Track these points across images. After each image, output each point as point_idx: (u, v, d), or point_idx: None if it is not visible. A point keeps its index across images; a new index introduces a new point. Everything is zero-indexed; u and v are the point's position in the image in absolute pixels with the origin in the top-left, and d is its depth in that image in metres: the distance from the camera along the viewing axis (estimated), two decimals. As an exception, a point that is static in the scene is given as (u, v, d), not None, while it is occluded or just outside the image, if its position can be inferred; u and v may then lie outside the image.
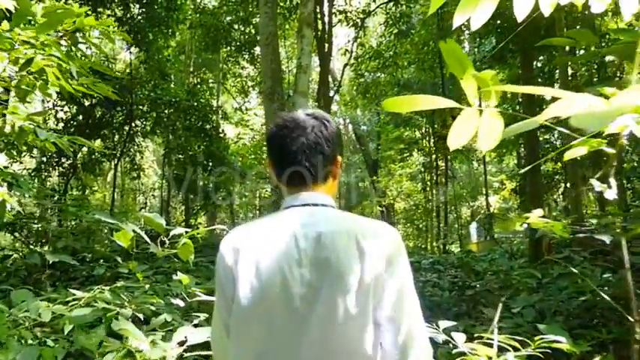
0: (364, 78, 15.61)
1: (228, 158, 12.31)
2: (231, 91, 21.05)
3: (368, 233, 1.20)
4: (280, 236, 1.19)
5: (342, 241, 1.17)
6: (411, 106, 1.25)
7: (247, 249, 1.20)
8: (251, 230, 1.27)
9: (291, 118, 1.34)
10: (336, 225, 1.21)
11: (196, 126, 11.97)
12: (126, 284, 2.02)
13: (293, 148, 1.29)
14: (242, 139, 20.84)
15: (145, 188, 22.78)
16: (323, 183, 1.33)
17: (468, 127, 1.24)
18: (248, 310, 1.15)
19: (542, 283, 3.93)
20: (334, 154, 1.35)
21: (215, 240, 12.43)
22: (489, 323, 3.71)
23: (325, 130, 1.33)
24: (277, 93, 7.61)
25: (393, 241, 1.22)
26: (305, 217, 1.23)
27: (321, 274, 1.13)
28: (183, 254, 1.82)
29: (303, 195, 1.29)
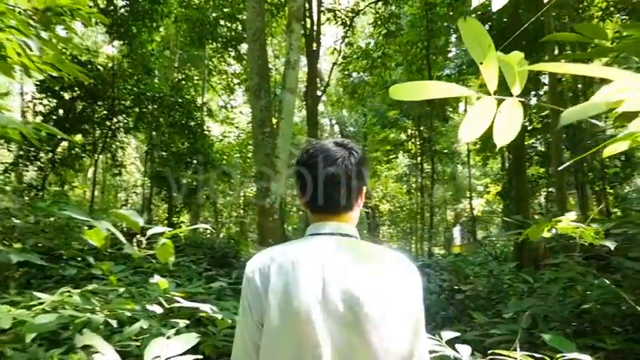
0: (352, 78, 15.50)
1: (213, 156, 12.07)
2: (217, 88, 20.79)
3: (393, 271, 1.26)
4: (307, 264, 1.24)
5: (367, 276, 1.22)
6: (420, 93, 1.12)
7: (276, 275, 1.24)
8: (278, 256, 1.29)
9: (320, 147, 1.38)
10: (361, 258, 1.27)
11: (180, 122, 11.72)
12: (98, 287, 1.85)
13: (322, 179, 1.34)
14: (227, 138, 20.60)
15: (127, 185, 22.42)
16: (348, 212, 1.38)
17: (483, 117, 1.11)
18: (277, 336, 1.20)
19: (533, 287, 3.84)
20: (360, 185, 1.39)
21: (198, 239, 12.22)
22: (480, 328, 3.60)
23: (354, 159, 1.37)
24: (264, 90, 7.45)
25: (414, 280, 1.29)
26: (330, 247, 1.29)
27: (350, 306, 1.18)
28: (162, 255, 1.66)
29: (329, 224, 1.35)
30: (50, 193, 10.70)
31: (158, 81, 12.88)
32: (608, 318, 3.02)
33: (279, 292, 1.21)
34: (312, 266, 1.23)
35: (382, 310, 1.19)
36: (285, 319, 1.19)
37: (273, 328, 1.19)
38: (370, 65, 14.08)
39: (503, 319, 3.29)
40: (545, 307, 3.17)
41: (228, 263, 9.22)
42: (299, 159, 1.42)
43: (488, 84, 1.04)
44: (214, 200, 18.84)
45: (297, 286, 1.20)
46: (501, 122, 1.09)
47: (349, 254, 1.27)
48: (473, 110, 1.13)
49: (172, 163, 11.46)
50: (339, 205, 1.35)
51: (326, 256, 1.25)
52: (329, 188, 1.34)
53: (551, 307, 3.17)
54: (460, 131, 1.16)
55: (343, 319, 1.17)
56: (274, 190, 5.21)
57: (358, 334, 1.16)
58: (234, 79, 17.82)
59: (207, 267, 7.63)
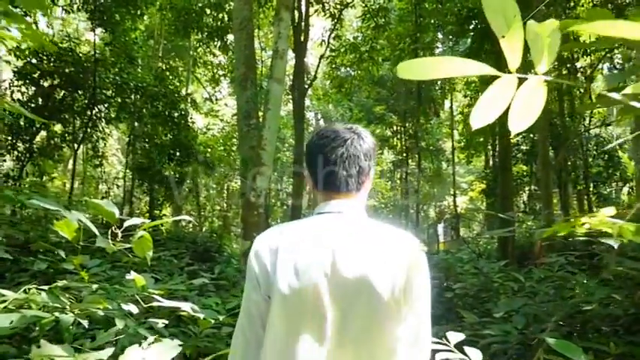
0: (339, 72, 15.34)
1: (196, 148, 11.84)
2: (202, 80, 20.49)
3: (397, 247, 1.30)
4: (315, 242, 1.28)
5: (373, 253, 1.27)
6: (430, 70, 0.99)
7: (284, 250, 1.27)
8: (286, 232, 1.33)
9: (331, 129, 1.43)
10: (367, 236, 1.32)
11: (163, 113, 11.46)
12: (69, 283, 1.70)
13: (332, 158, 1.38)
14: (211, 130, 20.34)
15: (108, 177, 22.03)
16: (356, 192, 1.41)
17: (500, 100, 0.98)
18: (284, 309, 1.23)
19: (524, 286, 3.76)
20: (369, 167, 1.44)
21: (180, 232, 12.02)
22: (471, 328, 3.51)
23: (363, 143, 1.42)
24: (250, 80, 7.28)
25: (418, 257, 1.32)
26: (338, 225, 1.33)
27: (355, 281, 1.22)
28: (139, 249, 1.51)
29: (337, 203, 1.39)
30: (27, 183, 10.40)
31: (141, 70, 12.59)
32: (601, 319, 2.95)
33: (288, 268, 1.24)
34: (319, 243, 1.27)
35: (387, 286, 1.23)
36: (293, 294, 1.22)
37: (281, 302, 1.23)
38: (358, 59, 13.94)
39: (494, 319, 3.20)
40: (537, 306, 3.09)
41: (211, 258, 9.06)
42: (309, 141, 1.47)
43: (511, 60, 0.92)
44: (197, 193, 18.60)
45: (305, 262, 1.24)
46: (520, 105, 0.97)
47: (356, 232, 1.32)
48: (488, 92, 1.01)
49: (155, 154, 11.21)
50: (347, 185, 1.39)
51: (334, 233, 1.30)
52: (338, 168, 1.38)
53: (544, 307, 3.09)
54: (472, 116, 1.04)
55: (350, 293, 1.22)
56: (259, 183, 5.06)
57: (364, 309, 1.21)
58: (219, 70, 17.54)
59: (190, 261, 7.47)
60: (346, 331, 1.21)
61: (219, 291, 4.84)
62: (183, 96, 12.92)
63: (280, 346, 1.23)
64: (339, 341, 1.21)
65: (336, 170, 1.38)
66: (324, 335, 1.20)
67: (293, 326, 1.22)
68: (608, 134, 14.53)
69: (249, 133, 7.15)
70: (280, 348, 1.23)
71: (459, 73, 0.97)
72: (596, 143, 14.22)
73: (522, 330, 2.70)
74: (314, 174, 1.43)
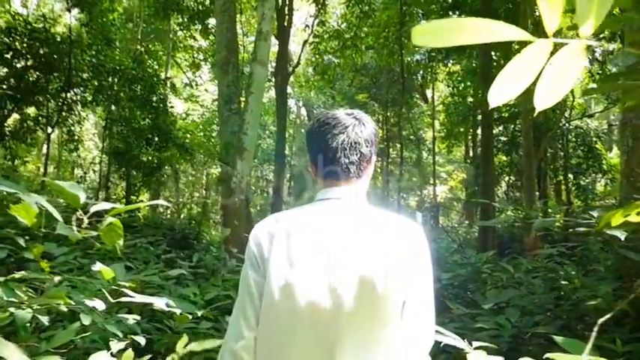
0: (323, 59, 15.10)
1: (175, 133, 11.54)
2: (182, 65, 20.07)
3: (396, 231, 1.30)
4: (313, 227, 1.29)
5: (371, 237, 1.27)
6: (451, 34, 0.84)
7: (281, 236, 1.29)
8: (285, 218, 1.34)
9: (332, 115, 1.40)
10: (366, 221, 1.32)
11: (141, 97, 11.12)
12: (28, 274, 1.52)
13: (333, 145, 1.36)
14: (191, 116, 19.96)
15: (84, 162, 21.52)
16: (357, 179, 1.40)
17: (529, 70, 0.84)
18: (280, 290, 1.23)
19: (514, 277, 3.68)
20: (371, 154, 1.42)
21: (157, 219, 11.74)
22: (459, 320, 3.42)
23: (365, 129, 1.40)
24: (232, 64, 7.06)
25: (418, 241, 1.32)
26: (338, 211, 1.33)
27: (349, 264, 1.23)
28: (108, 237, 1.35)
29: (338, 189, 1.37)
30: None
31: (119, 53, 12.19)
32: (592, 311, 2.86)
33: (284, 252, 1.26)
34: (317, 230, 1.28)
35: (385, 272, 1.23)
36: (288, 277, 1.23)
37: (277, 285, 1.24)
38: (341, 46, 13.73)
39: (482, 310, 3.10)
40: (528, 298, 3.01)
41: (189, 245, 8.85)
42: (310, 127, 1.44)
43: (549, 21, 0.77)
44: (177, 179, 18.27)
45: (302, 246, 1.26)
46: (553, 76, 0.83)
47: (356, 219, 1.31)
48: (513, 62, 0.86)
49: (132, 139, 10.89)
50: (349, 172, 1.37)
51: (331, 219, 1.30)
52: (339, 155, 1.36)
53: (534, 299, 3.01)
54: (491, 91, 0.89)
55: (346, 280, 1.22)
56: (240, 168, 4.88)
57: (361, 295, 1.21)
58: (199, 54, 17.15)
59: (167, 249, 7.28)
60: (343, 316, 1.20)
61: (198, 279, 4.68)
62: (162, 80, 12.56)
63: (276, 330, 1.24)
64: (336, 327, 1.20)
65: (337, 157, 1.36)
66: (320, 321, 1.21)
67: (288, 312, 1.23)
68: (587, 127, 14.63)
69: (230, 118, 6.94)
70: (276, 332, 1.24)
71: (487, 38, 0.82)
72: (576, 135, 14.32)
73: (515, 323, 2.59)
74: (314, 160, 1.42)
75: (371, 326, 1.22)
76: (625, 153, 5.73)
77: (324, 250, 1.24)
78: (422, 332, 1.29)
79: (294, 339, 1.21)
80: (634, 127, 5.65)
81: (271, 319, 1.25)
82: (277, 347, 1.23)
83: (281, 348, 1.22)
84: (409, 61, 16.96)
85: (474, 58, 15.55)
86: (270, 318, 1.25)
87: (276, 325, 1.24)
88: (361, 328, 1.21)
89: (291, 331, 1.22)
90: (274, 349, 1.23)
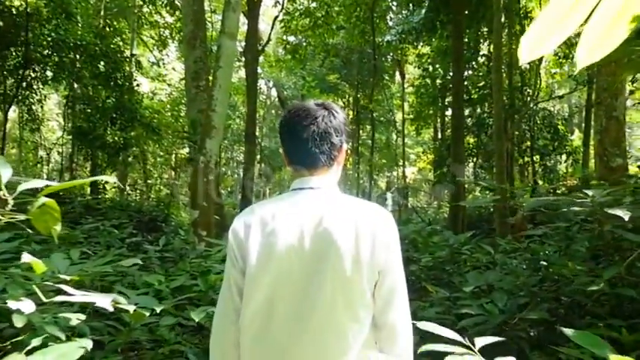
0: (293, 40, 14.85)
1: (141, 113, 11.16)
2: (148, 43, 19.45)
3: (366, 218, 1.33)
4: (287, 216, 1.33)
5: (342, 223, 1.31)
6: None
7: (256, 225, 1.35)
8: (259, 209, 1.39)
9: (303, 107, 1.44)
10: (337, 208, 1.35)
11: (105, 74, 10.69)
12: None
13: (304, 136, 1.39)
14: (158, 95, 19.43)
15: (48, 143, 20.80)
16: (329, 168, 1.45)
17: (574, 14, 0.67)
18: (257, 278, 1.30)
19: (494, 259, 3.65)
20: (341, 143, 1.46)
21: (124, 201, 11.43)
22: (440, 304, 3.38)
23: (334, 119, 1.44)
24: (199, 39, 6.83)
25: (387, 228, 1.35)
26: (311, 201, 1.37)
27: (321, 252, 1.28)
28: (41, 222, 1.17)
29: (310, 179, 1.42)
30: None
31: (81, 28, 11.66)
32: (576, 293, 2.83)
33: (260, 240, 1.32)
34: (291, 217, 1.33)
35: (354, 256, 1.27)
36: (264, 263, 1.29)
37: (254, 271, 1.30)
38: (313, 24, 13.51)
39: (463, 293, 3.06)
40: (509, 280, 2.97)
41: (157, 228, 8.63)
42: (282, 118, 1.47)
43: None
44: (145, 160, 17.83)
45: (276, 234, 1.31)
46: (605, 21, 0.66)
47: (327, 207, 1.34)
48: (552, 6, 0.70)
49: (96, 118, 10.49)
50: (320, 162, 1.41)
51: (305, 208, 1.35)
52: (310, 145, 1.39)
53: (516, 281, 2.97)
54: (523, 44, 0.74)
55: (317, 263, 1.27)
56: (209, 147, 4.71)
57: (330, 278, 1.26)
58: (166, 30, 16.61)
59: (134, 231, 7.08)
60: (315, 299, 1.26)
61: (165, 264, 4.53)
62: (128, 57, 12.10)
63: (255, 313, 1.30)
64: (310, 308, 1.26)
65: (308, 147, 1.40)
66: (294, 302, 1.28)
67: (265, 295, 1.29)
68: (554, 109, 14.88)
69: (197, 96, 6.73)
70: (254, 315, 1.30)
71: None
72: (543, 117, 14.53)
73: (502, 308, 2.53)
74: (287, 151, 1.46)
75: (345, 312, 1.27)
76: (598, 132, 5.82)
77: (300, 239, 1.30)
78: (395, 308, 1.35)
79: (271, 323, 1.28)
80: (608, 106, 5.73)
81: (251, 305, 1.31)
82: (257, 332, 1.30)
83: (260, 333, 1.29)
84: (380, 42, 16.84)
85: (444, 39, 15.54)
86: (251, 305, 1.31)
87: (256, 310, 1.30)
88: (335, 313, 1.26)
89: (269, 316, 1.29)
90: (255, 334, 1.30)
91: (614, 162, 5.59)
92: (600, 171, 5.72)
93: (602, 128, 5.68)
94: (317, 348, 1.27)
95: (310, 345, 1.27)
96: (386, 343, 1.36)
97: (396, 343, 1.36)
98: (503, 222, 8.90)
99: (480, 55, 16.11)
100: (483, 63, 16.00)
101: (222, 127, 5.00)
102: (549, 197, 2.42)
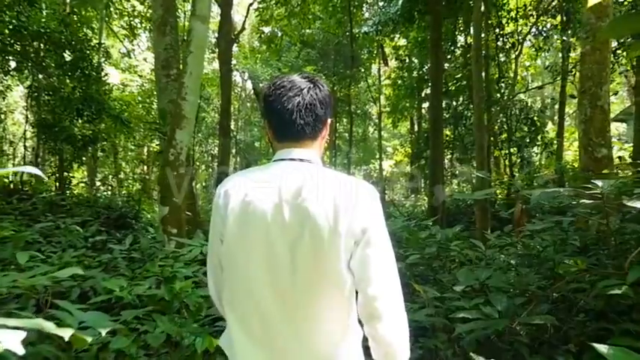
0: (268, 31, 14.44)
1: (110, 104, 10.64)
2: (119, 34, 18.80)
3: (345, 190, 1.32)
4: (267, 185, 1.34)
5: (322, 195, 1.30)
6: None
7: (236, 193, 1.35)
8: (241, 178, 1.40)
9: (288, 79, 1.43)
10: (319, 180, 1.33)
11: (71, 64, 10.15)
12: None
13: (289, 107, 1.39)
14: (129, 87, 18.82)
15: (14, 137, 20.00)
16: (312, 141, 1.44)
17: None
18: (233, 245, 1.34)
19: (485, 255, 3.43)
20: (326, 116, 1.46)
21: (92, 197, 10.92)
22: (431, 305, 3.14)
23: (320, 92, 1.43)
24: (170, 25, 6.46)
25: (367, 199, 1.34)
26: (291, 171, 1.37)
27: (300, 220, 1.28)
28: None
29: (293, 150, 1.42)
30: None
31: (45, 15, 11.06)
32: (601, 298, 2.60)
33: (238, 208, 1.32)
34: (270, 186, 1.32)
35: (332, 226, 1.26)
36: (241, 232, 1.31)
37: (231, 239, 1.33)
38: (288, 13, 13.15)
39: (454, 293, 2.82)
40: (504, 278, 2.75)
41: (127, 225, 8.22)
42: (266, 90, 1.45)
43: None
44: (115, 155, 17.25)
45: (255, 203, 1.31)
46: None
47: (308, 177, 1.33)
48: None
49: (61, 109, 9.95)
50: (304, 133, 1.41)
51: (284, 178, 1.33)
52: (295, 116, 1.39)
53: (510, 279, 2.75)
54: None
55: (293, 231, 1.27)
56: (179, 138, 4.37)
57: (307, 247, 1.26)
58: (136, 19, 16.00)
59: (102, 229, 6.69)
60: (294, 267, 1.27)
61: (132, 264, 4.20)
62: (95, 45, 11.54)
63: (234, 282, 1.34)
64: (289, 276, 1.27)
65: (293, 118, 1.38)
66: (273, 270, 1.28)
67: (244, 262, 1.31)
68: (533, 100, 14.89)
69: (168, 85, 6.36)
70: (235, 285, 1.34)
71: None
72: (520, 109, 14.53)
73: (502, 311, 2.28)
74: (271, 123, 1.45)
75: (325, 279, 1.27)
76: (582, 122, 5.66)
77: (278, 209, 1.29)
78: (378, 291, 1.29)
79: (252, 293, 1.30)
80: (592, 95, 5.58)
81: (231, 274, 1.35)
82: (239, 302, 1.33)
83: (242, 303, 1.33)
84: (357, 34, 16.58)
85: (422, 30, 15.39)
86: (230, 274, 1.35)
87: (235, 279, 1.33)
88: (314, 280, 1.27)
89: (249, 286, 1.30)
90: (237, 304, 1.34)
91: (600, 152, 5.45)
92: (585, 162, 5.58)
93: (587, 118, 5.54)
94: (301, 316, 1.28)
95: (293, 312, 1.28)
96: (370, 323, 1.32)
97: (381, 323, 1.30)
98: (484, 215, 8.78)
99: (458, 46, 16.02)
100: (460, 55, 15.91)
101: (193, 117, 4.66)
102: (558, 189, 2.17)
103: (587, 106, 5.52)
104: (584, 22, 5.62)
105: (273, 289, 1.28)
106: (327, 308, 1.29)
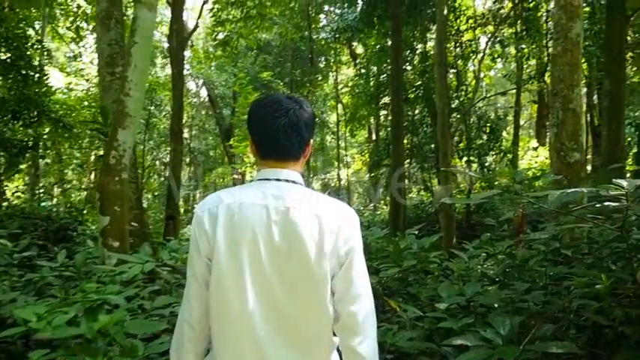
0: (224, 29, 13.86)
1: (51, 107, 9.82)
2: (64, 36, 17.79)
3: (329, 213, 1.38)
4: (254, 206, 1.35)
5: (308, 217, 1.34)
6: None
7: (224, 214, 1.35)
8: (227, 197, 1.39)
9: (274, 98, 1.46)
10: (304, 202, 1.37)
11: (6, 62, 9.30)
12: None
13: (274, 127, 1.40)
14: (75, 91, 17.80)
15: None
16: (296, 161, 1.48)
17: None
18: (225, 268, 1.31)
19: (469, 267, 3.07)
20: (309, 137, 1.49)
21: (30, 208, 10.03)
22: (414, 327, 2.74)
23: (304, 113, 1.45)
24: (115, 18, 5.90)
25: (350, 224, 1.41)
26: (276, 191, 1.39)
27: (288, 241, 1.32)
28: None
29: (279, 171, 1.44)
30: None
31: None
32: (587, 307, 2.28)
33: (227, 230, 1.33)
34: (257, 207, 1.35)
35: (318, 249, 1.31)
36: (232, 253, 1.31)
37: (222, 261, 1.31)
38: (244, 15, 12.65)
39: (439, 312, 2.44)
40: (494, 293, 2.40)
41: (68, 237, 7.50)
42: (251, 108, 1.47)
43: None
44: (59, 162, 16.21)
45: (243, 224, 1.33)
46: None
47: (294, 199, 1.37)
48: None
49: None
50: (288, 154, 1.44)
51: (273, 199, 1.36)
52: (280, 137, 1.41)
53: (500, 295, 2.40)
54: None
55: (283, 252, 1.31)
56: (122, 139, 3.82)
57: (295, 267, 1.31)
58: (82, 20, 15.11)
59: (38, 242, 6.00)
60: (283, 289, 1.30)
61: (68, 282, 3.62)
62: (34, 44, 10.68)
63: (222, 300, 1.32)
64: (281, 293, 1.31)
65: (278, 138, 1.40)
66: (263, 292, 1.30)
67: (234, 285, 1.30)
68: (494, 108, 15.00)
69: (112, 84, 5.78)
70: (222, 303, 1.32)
71: None
72: (479, 116, 14.56)
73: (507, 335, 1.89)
74: (256, 142, 1.46)
75: (312, 300, 1.32)
76: (554, 126, 5.46)
77: (267, 230, 1.31)
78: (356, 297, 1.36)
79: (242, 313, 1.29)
80: (564, 97, 5.40)
81: (219, 295, 1.32)
82: (227, 322, 1.32)
83: (231, 323, 1.32)
84: (315, 39, 16.29)
85: (381, 36, 15.23)
86: (219, 295, 1.32)
87: (224, 301, 1.31)
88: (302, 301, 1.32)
89: (240, 306, 1.29)
90: (225, 324, 1.33)
91: (572, 157, 5.27)
92: (557, 167, 5.39)
93: (559, 121, 5.36)
94: (288, 333, 1.31)
95: (281, 331, 1.31)
96: (349, 339, 1.36)
97: (359, 338, 1.36)
98: (450, 222, 8.55)
99: (417, 54, 15.95)
100: (419, 62, 15.85)
101: (138, 115, 4.13)
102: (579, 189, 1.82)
103: (559, 109, 5.35)
104: (555, 23, 5.44)
105: (263, 310, 1.30)
106: (318, 328, 1.34)
